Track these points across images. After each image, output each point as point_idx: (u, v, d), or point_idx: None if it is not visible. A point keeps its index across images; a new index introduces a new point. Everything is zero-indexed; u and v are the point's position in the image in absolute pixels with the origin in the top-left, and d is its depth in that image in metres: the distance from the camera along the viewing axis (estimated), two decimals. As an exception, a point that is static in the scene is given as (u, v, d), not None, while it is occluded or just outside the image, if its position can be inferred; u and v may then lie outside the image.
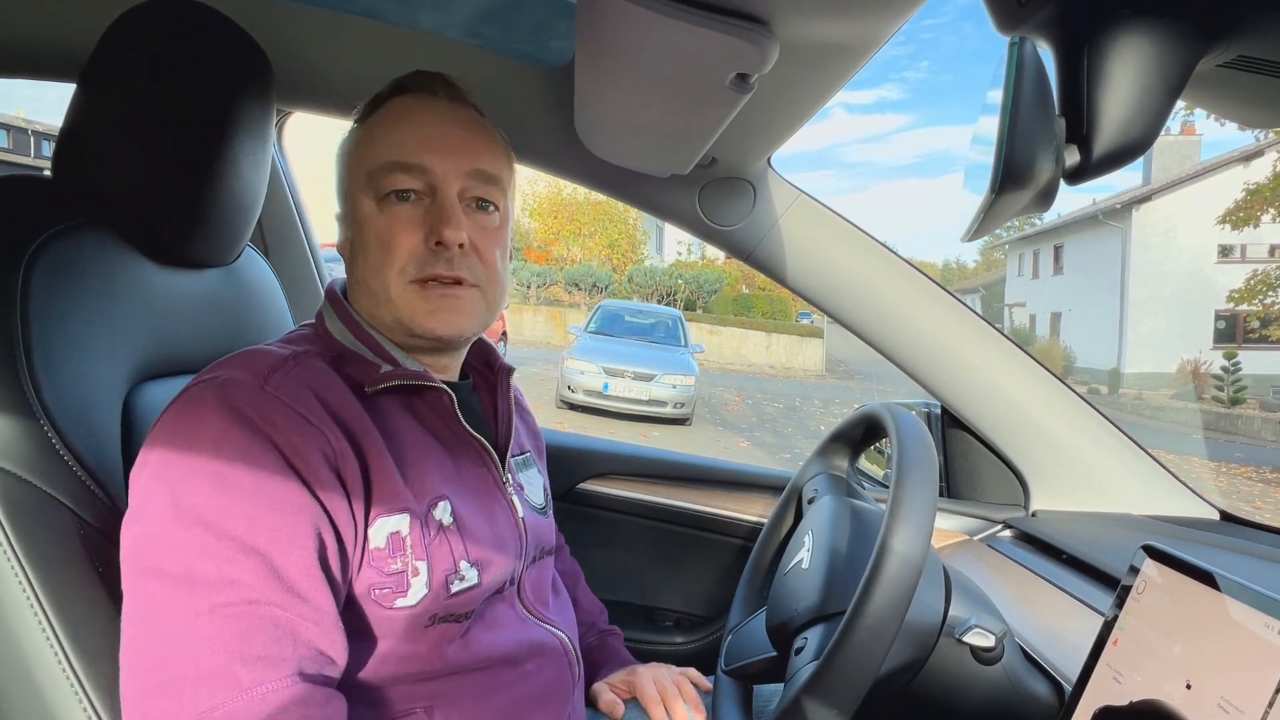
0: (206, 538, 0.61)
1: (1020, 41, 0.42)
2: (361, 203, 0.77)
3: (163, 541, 0.61)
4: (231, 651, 0.59)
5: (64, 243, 0.74)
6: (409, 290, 0.75)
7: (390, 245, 0.75)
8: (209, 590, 0.60)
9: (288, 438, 0.65)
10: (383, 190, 0.76)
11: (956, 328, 1.25)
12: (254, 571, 0.61)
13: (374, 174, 0.76)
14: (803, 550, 0.92)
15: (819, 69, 0.76)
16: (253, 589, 0.61)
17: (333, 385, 0.71)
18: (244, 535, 0.61)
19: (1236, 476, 9.16)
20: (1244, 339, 17.63)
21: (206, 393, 0.65)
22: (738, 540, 1.42)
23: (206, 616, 0.59)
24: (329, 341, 0.78)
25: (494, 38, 1.04)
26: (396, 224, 0.75)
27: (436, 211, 0.75)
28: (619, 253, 23.49)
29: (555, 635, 0.83)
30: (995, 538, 1.30)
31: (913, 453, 0.78)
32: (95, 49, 0.79)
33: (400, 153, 0.76)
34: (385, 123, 0.78)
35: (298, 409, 0.66)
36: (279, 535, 0.62)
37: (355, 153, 0.79)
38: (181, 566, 0.60)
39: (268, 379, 0.67)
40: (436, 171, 0.76)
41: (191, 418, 0.64)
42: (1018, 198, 0.43)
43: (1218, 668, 0.57)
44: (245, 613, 0.60)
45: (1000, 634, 0.79)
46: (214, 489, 0.62)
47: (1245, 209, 14.48)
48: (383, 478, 0.70)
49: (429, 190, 0.76)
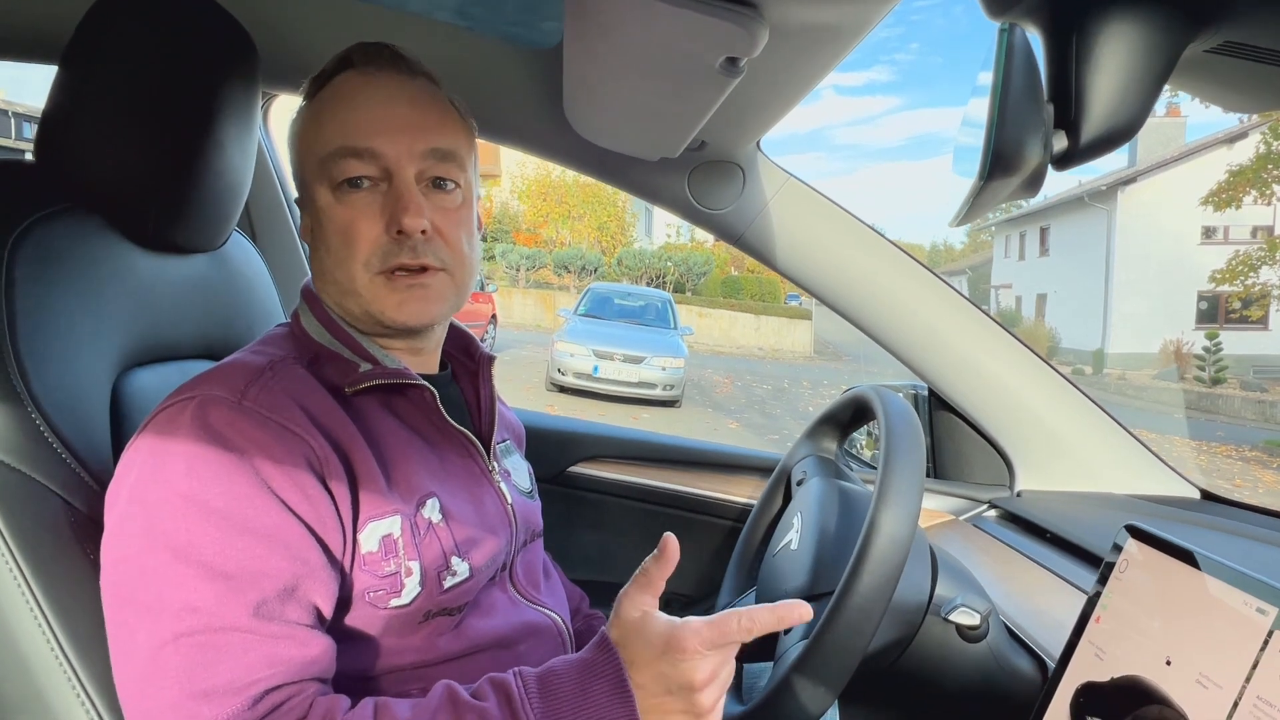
0: (174, 565, 0.59)
1: (1010, 28, 0.42)
2: (317, 191, 0.74)
3: (135, 567, 0.61)
4: (194, 684, 0.57)
5: (48, 228, 0.73)
6: (375, 282, 0.73)
7: (351, 237, 0.72)
8: (173, 619, 0.58)
9: (267, 451, 0.63)
10: (336, 178, 0.73)
11: (943, 310, 1.26)
12: (220, 598, 0.59)
13: (325, 161, 0.73)
14: (792, 531, 0.93)
15: (808, 52, 0.76)
16: (218, 616, 0.59)
17: (312, 392, 0.69)
18: (213, 560, 0.60)
19: (1217, 455, 9.29)
20: (1225, 319, 17.81)
21: (182, 413, 0.64)
22: (727, 521, 1.43)
23: (170, 646, 0.58)
24: (305, 342, 0.76)
25: (482, 19, 1.03)
26: (354, 214, 0.72)
27: (394, 198, 0.72)
28: (608, 235, 23.40)
29: (547, 616, 0.83)
30: (981, 518, 1.32)
31: (900, 435, 0.79)
32: (76, 30, 0.78)
33: (349, 136, 0.72)
34: (331, 103, 0.75)
35: (277, 419, 0.65)
36: (250, 557, 0.60)
37: (304, 136, 0.76)
38: (151, 594, 0.59)
39: (245, 393, 0.66)
40: (389, 155, 0.72)
41: (165, 438, 0.63)
42: (1006, 183, 0.43)
43: (1197, 644, 0.58)
44: (208, 642, 0.58)
45: (985, 612, 0.80)
46: (184, 514, 0.60)
47: (1228, 190, 14.56)
48: (369, 481, 0.69)
49: (384, 175, 0.73)
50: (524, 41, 1.08)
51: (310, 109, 0.77)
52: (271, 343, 0.76)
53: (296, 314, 0.80)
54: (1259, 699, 0.53)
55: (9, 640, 0.65)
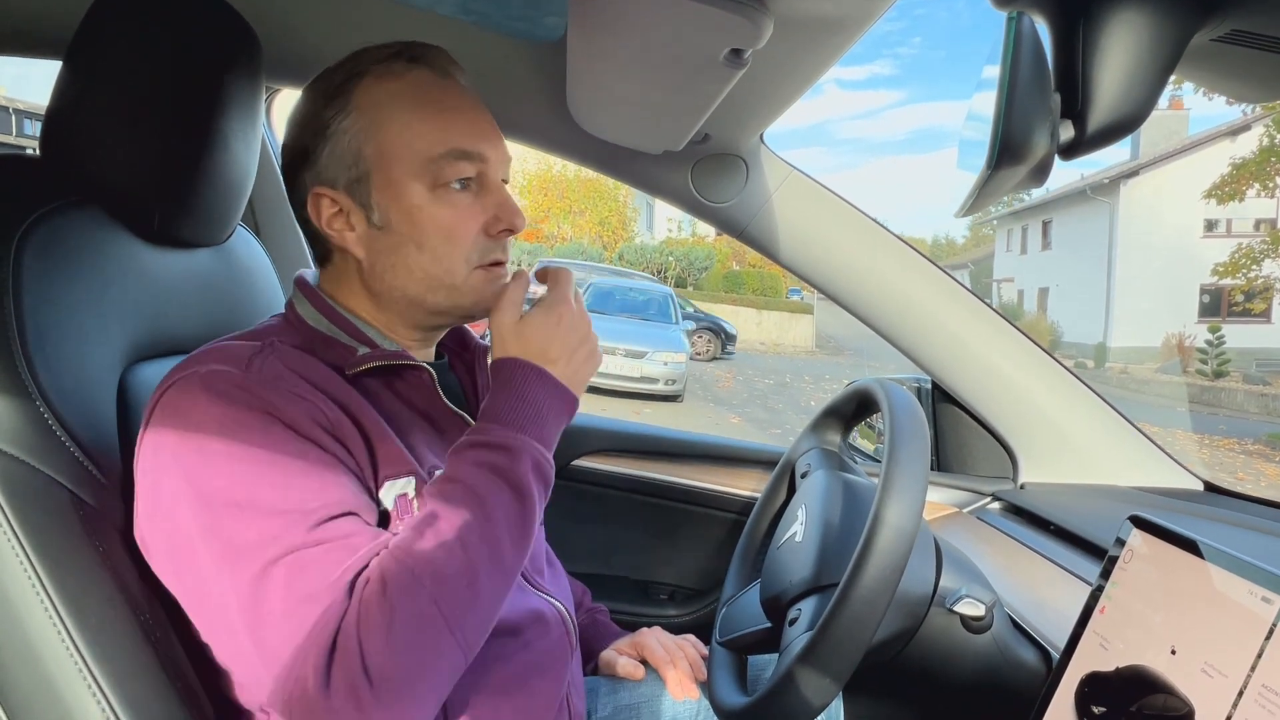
0: (241, 515, 0.61)
1: (1018, 16, 0.42)
2: (408, 188, 0.74)
3: (200, 531, 0.62)
4: (298, 590, 0.60)
5: (54, 223, 0.73)
6: (475, 275, 0.77)
7: (454, 235, 0.75)
8: (258, 553, 0.61)
9: (284, 412, 0.65)
10: (445, 179, 0.74)
11: (947, 303, 1.26)
12: (290, 523, 0.62)
13: (434, 161, 0.74)
14: (796, 524, 0.93)
15: (813, 44, 0.76)
16: (294, 537, 0.61)
17: (314, 367, 0.71)
18: (275, 502, 0.62)
19: (1220, 448, 9.28)
20: (1228, 312, 17.79)
21: (192, 385, 0.65)
22: (731, 515, 1.43)
23: (263, 577, 0.60)
24: (301, 327, 0.77)
25: (486, 13, 1.03)
26: (457, 214, 0.75)
27: (494, 200, 0.77)
28: (609, 230, 23.37)
29: (552, 604, 0.84)
30: (985, 510, 1.32)
31: (905, 427, 0.79)
32: (81, 25, 0.78)
33: (461, 139, 0.75)
34: (417, 101, 0.75)
35: (285, 385, 0.67)
36: (307, 492, 0.63)
37: (384, 131, 0.74)
38: (226, 546, 0.61)
39: (249, 366, 0.67)
40: (491, 160, 0.77)
41: (184, 413, 0.64)
42: (1014, 173, 0.43)
43: (1201, 633, 0.59)
44: (295, 560, 0.61)
45: (990, 603, 0.81)
46: (232, 471, 0.62)
47: (1231, 183, 14.53)
48: (383, 443, 0.71)
49: (479, 176, 0.77)
50: (527, 35, 1.08)
51: (383, 104, 0.74)
52: (261, 330, 0.77)
53: (291, 303, 0.80)
54: (1264, 687, 0.53)
55: (20, 633, 0.65)
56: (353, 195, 0.76)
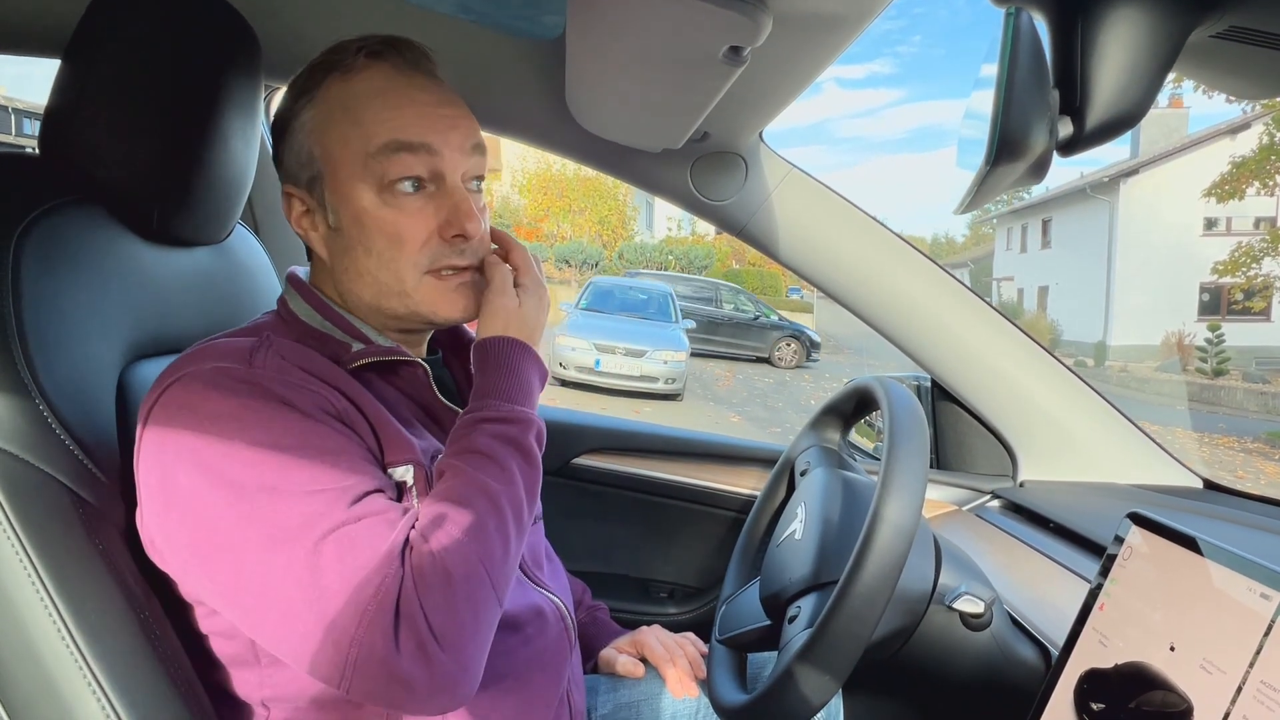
0: (278, 498, 0.62)
1: (1016, 12, 0.42)
2: (356, 190, 0.72)
3: (238, 521, 0.61)
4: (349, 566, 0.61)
5: (53, 221, 0.73)
6: (425, 282, 0.74)
7: (402, 240, 0.72)
8: (305, 531, 0.61)
9: (298, 402, 0.66)
10: (387, 176, 0.71)
11: (946, 301, 1.26)
12: (330, 501, 0.62)
13: (373, 157, 0.71)
14: (796, 521, 0.93)
15: (812, 41, 0.76)
16: (338, 513, 0.62)
17: (313, 358, 0.71)
18: (307, 485, 0.62)
19: (1219, 447, 9.28)
20: (1227, 311, 17.78)
21: (196, 382, 0.65)
22: (730, 513, 1.43)
23: (314, 554, 0.60)
24: (294, 323, 0.77)
25: (485, 12, 1.03)
26: (403, 218, 0.72)
27: (449, 202, 0.73)
28: (609, 229, 23.37)
29: (551, 600, 0.84)
30: (984, 507, 1.32)
31: (904, 425, 0.79)
32: (79, 24, 0.78)
33: (401, 130, 0.71)
34: (368, 97, 0.72)
35: (291, 378, 0.67)
36: (339, 470, 0.64)
37: (332, 129, 0.73)
38: (272, 528, 0.61)
39: (251, 359, 0.67)
40: (443, 153, 0.73)
41: (195, 405, 0.64)
42: (1012, 169, 0.43)
43: (1200, 630, 0.59)
44: (342, 535, 0.61)
45: (989, 601, 0.81)
46: (258, 458, 0.62)
47: (1231, 182, 14.52)
48: (387, 429, 0.71)
49: (433, 176, 0.73)
50: (526, 33, 1.08)
51: (335, 101, 0.73)
52: (255, 327, 0.76)
53: (283, 300, 0.80)
54: (1263, 684, 0.53)
55: (21, 631, 0.65)
56: (312, 194, 0.76)
